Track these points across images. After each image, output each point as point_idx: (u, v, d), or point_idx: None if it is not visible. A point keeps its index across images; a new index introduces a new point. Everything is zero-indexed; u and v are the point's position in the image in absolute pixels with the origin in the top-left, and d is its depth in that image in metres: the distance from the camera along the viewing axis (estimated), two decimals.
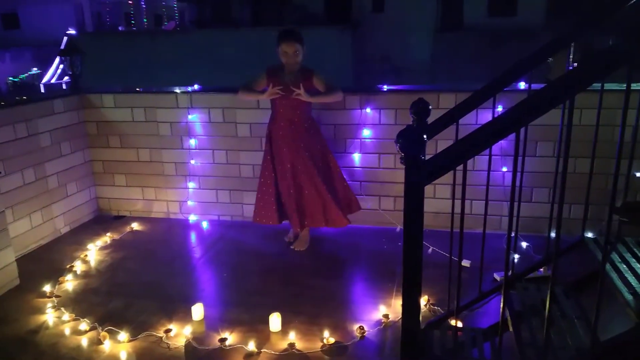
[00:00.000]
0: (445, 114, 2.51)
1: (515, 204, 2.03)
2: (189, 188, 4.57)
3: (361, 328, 2.85)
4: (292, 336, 2.81)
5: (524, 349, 2.03)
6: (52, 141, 4.25)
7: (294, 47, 3.53)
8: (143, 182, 4.68)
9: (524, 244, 3.72)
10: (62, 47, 4.88)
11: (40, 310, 3.19)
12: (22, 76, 17.72)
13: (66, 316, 3.10)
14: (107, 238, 4.24)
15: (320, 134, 3.85)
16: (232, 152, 4.40)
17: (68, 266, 3.75)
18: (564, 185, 1.71)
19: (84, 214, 4.65)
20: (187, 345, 2.80)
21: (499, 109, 3.62)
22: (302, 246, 3.91)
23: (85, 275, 3.66)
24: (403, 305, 1.82)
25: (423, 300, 3.05)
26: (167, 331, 2.90)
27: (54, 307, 3.21)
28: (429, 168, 1.69)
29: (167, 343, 2.83)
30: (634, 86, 1.87)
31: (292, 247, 3.92)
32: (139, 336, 2.88)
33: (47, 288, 3.41)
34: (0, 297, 3.37)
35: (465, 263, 3.34)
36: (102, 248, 4.09)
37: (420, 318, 1.87)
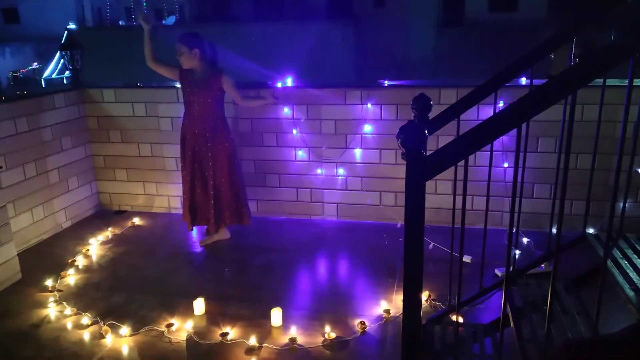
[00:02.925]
0: (447, 109, 2.50)
1: (517, 199, 2.03)
2: None
3: (362, 323, 2.86)
4: (294, 331, 2.82)
5: (524, 344, 2.03)
6: (53, 136, 4.25)
7: (180, 49, 3.67)
8: (144, 177, 4.69)
9: (525, 240, 3.72)
10: (63, 41, 4.86)
11: (42, 305, 3.20)
12: (22, 71, 17.71)
13: (68, 310, 3.11)
14: (108, 233, 4.25)
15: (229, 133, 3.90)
16: None
17: (70, 261, 3.76)
18: (565, 181, 1.71)
19: (85, 209, 4.66)
20: (189, 339, 2.81)
21: (501, 104, 3.61)
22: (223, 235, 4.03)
23: (87, 269, 3.67)
24: (404, 301, 1.82)
25: (424, 296, 3.06)
26: (169, 326, 2.91)
27: (55, 301, 3.22)
28: (430, 164, 1.69)
29: (169, 337, 2.83)
30: (636, 82, 1.87)
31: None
32: (141, 330, 2.89)
33: (49, 282, 3.42)
34: (3, 291, 3.38)
35: (466, 259, 3.35)
36: (104, 243, 4.10)
37: (422, 313, 1.87)
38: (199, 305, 3.05)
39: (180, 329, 2.90)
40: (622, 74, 1.85)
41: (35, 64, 18.24)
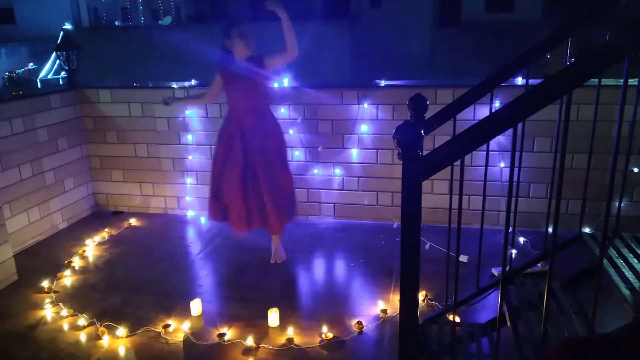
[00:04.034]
0: (443, 109, 2.51)
1: (513, 199, 2.03)
2: (186, 184, 4.57)
3: (359, 323, 2.86)
4: (291, 331, 2.81)
5: (521, 343, 2.04)
6: (49, 136, 4.24)
7: (246, 34, 3.42)
8: (140, 178, 4.68)
9: (521, 239, 3.73)
10: (59, 42, 4.85)
11: (39, 306, 3.19)
12: (18, 71, 17.65)
13: (64, 312, 3.10)
14: (105, 234, 4.24)
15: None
16: None
17: (66, 262, 3.75)
18: (561, 180, 1.71)
19: (81, 210, 4.65)
20: (186, 340, 2.81)
21: (497, 104, 3.62)
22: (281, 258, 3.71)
23: (84, 270, 3.66)
24: (401, 301, 1.82)
25: (421, 296, 3.06)
26: (166, 326, 2.90)
27: (52, 302, 3.22)
28: (426, 163, 1.69)
29: (166, 338, 2.83)
30: (630, 81, 1.88)
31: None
32: (138, 331, 2.89)
33: (45, 283, 3.41)
34: None
35: (463, 258, 3.35)
36: (100, 244, 4.09)
37: (418, 313, 1.88)
38: (196, 305, 3.04)
39: (177, 329, 2.90)
40: (618, 74, 1.86)
41: (31, 64, 18.17)
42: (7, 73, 17.49)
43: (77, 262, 3.77)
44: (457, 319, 2.58)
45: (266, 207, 3.44)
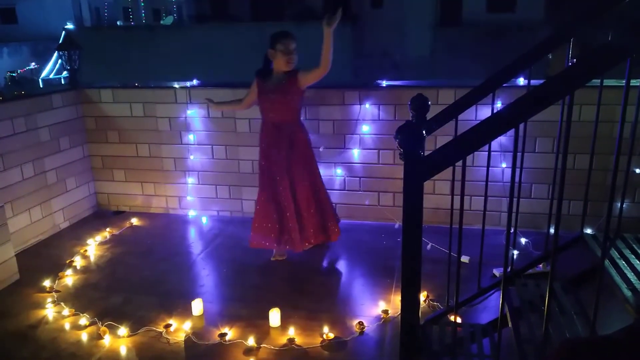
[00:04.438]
0: (445, 109, 2.51)
1: (515, 200, 2.03)
2: (188, 183, 4.57)
3: (360, 323, 2.86)
4: (292, 331, 2.81)
5: (522, 344, 2.03)
6: (51, 136, 4.24)
7: (294, 42, 3.40)
8: (142, 178, 4.68)
9: (523, 240, 3.72)
10: (60, 41, 4.85)
11: (40, 305, 3.19)
12: (20, 71, 17.68)
13: (66, 311, 3.10)
14: (106, 233, 4.25)
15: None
16: (231, 147, 4.40)
17: (68, 261, 3.76)
18: (563, 181, 1.71)
19: (83, 209, 4.65)
20: (187, 340, 2.81)
21: (498, 104, 3.62)
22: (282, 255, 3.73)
23: (85, 270, 3.66)
24: (402, 301, 1.83)
25: (422, 296, 3.06)
26: (167, 326, 2.91)
27: (53, 302, 3.22)
28: (428, 164, 1.69)
29: (167, 338, 2.83)
30: (633, 82, 1.87)
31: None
32: (139, 331, 2.89)
33: (46, 283, 3.41)
34: (0, 292, 3.37)
35: (465, 259, 3.35)
36: (102, 243, 4.09)
37: (420, 314, 1.88)
38: (197, 305, 3.04)
39: (179, 329, 2.90)
40: (620, 74, 1.86)
41: (33, 64, 18.20)
42: (9, 72, 17.52)
43: (78, 261, 3.77)
44: (459, 320, 2.58)
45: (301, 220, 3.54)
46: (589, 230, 2.45)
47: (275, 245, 3.60)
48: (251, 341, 2.74)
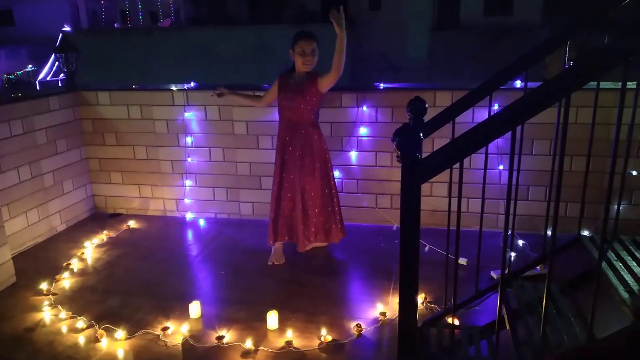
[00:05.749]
0: (442, 112, 2.51)
1: (512, 202, 2.04)
2: (185, 186, 4.57)
3: (358, 326, 2.86)
4: (290, 334, 2.81)
5: (520, 346, 2.04)
6: (48, 138, 4.23)
7: (312, 44, 3.43)
8: (139, 180, 4.67)
9: (520, 242, 3.73)
10: (57, 44, 4.85)
11: (37, 308, 3.18)
12: (17, 73, 17.65)
13: (63, 314, 3.09)
14: (103, 236, 4.24)
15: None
16: (229, 149, 4.40)
17: (65, 264, 3.75)
18: (560, 183, 1.72)
19: (80, 212, 4.64)
20: (184, 343, 2.80)
21: (496, 107, 3.63)
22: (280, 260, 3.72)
23: (82, 273, 3.65)
24: (400, 303, 1.83)
25: (420, 298, 3.06)
26: (164, 329, 2.90)
27: (50, 305, 3.21)
28: (425, 166, 1.69)
29: (164, 341, 2.82)
30: (629, 84, 1.88)
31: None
32: (136, 334, 2.88)
33: (43, 286, 3.40)
34: None
35: (462, 261, 3.35)
36: (99, 246, 4.08)
37: (417, 316, 1.88)
38: (195, 308, 3.04)
39: (176, 332, 2.89)
40: (616, 77, 1.86)
41: (30, 66, 18.16)
42: (6, 75, 17.48)
43: (75, 264, 3.76)
44: (456, 322, 2.58)
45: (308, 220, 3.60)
46: (586, 232, 2.45)
47: (287, 239, 3.67)
48: (249, 344, 2.74)
